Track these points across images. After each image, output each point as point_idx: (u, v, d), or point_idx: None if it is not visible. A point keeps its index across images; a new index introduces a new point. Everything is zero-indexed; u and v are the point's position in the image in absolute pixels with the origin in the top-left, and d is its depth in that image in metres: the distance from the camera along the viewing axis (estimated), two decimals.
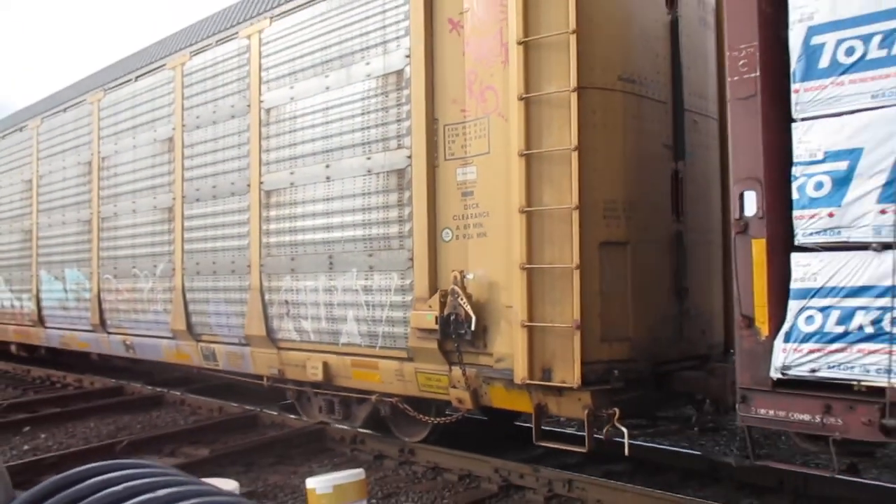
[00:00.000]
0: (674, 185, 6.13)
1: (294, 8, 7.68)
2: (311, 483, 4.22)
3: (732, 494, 5.85)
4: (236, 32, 8.41)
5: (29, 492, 1.72)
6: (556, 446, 5.67)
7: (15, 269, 13.22)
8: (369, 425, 7.46)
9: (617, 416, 5.28)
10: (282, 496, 6.07)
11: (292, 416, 8.21)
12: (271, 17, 7.95)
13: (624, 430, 5.26)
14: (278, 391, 8.34)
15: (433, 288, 6.22)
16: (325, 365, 7.28)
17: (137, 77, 10.14)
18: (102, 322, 10.74)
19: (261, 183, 7.95)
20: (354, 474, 4.33)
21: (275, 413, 8.46)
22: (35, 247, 12.52)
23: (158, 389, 10.58)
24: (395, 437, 7.17)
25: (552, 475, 5.88)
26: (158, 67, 9.68)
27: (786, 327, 4.39)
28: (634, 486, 5.64)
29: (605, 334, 5.54)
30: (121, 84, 10.49)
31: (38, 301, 12.41)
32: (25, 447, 7.95)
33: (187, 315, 9.04)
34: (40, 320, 12.41)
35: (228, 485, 4.25)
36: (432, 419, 6.67)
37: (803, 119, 4.42)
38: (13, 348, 13.92)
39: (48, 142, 12.27)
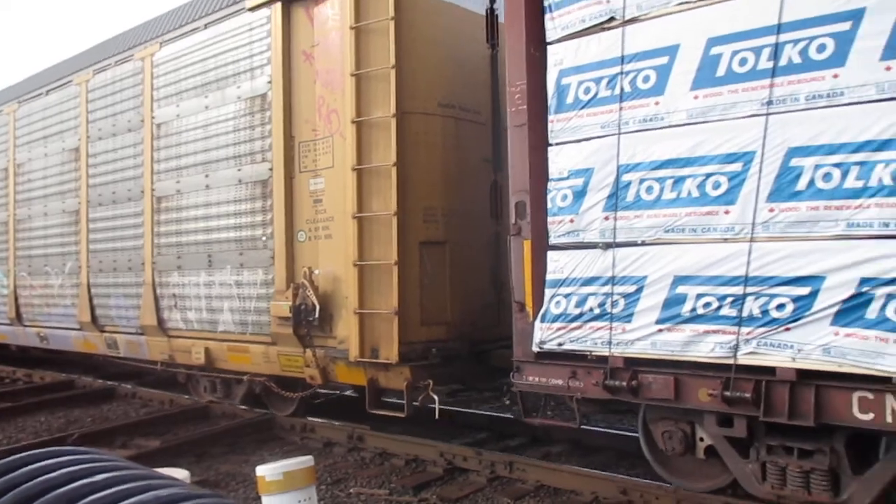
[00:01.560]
0: (493, 193, 6.95)
1: (180, 35, 8.29)
2: (261, 471, 4.12)
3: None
4: (132, 54, 8.96)
5: None
6: (383, 413, 6.44)
7: None
8: (248, 402, 8.12)
9: (431, 386, 6.11)
10: (233, 484, 6.04)
11: (243, 407, 8.13)
12: (161, 42, 8.54)
13: (435, 397, 6.09)
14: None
15: (289, 282, 6.94)
16: (207, 350, 7.94)
17: (49, 91, 10.57)
18: (19, 316, 11.14)
19: (153, 190, 8.54)
20: (303, 461, 4.20)
21: (225, 403, 8.32)
22: None
23: (110, 383, 10.37)
24: (343, 422, 7.22)
25: (494, 457, 5.99)
26: (67, 83, 10.15)
27: (542, 310, 5.26)
28: (571, 465, 5.86)
29: (425, 319, 6.36)
30: (34, 96, 10.90)
31: None
32: None
33: (92, 308, 9.56)
34: None
35: (179, 473, 4.15)
36: (295, 395, 7.40)
37: (556, 144, 5.29)
38: None
39: None
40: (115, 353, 9.45)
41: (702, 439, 4.90)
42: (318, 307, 6.58)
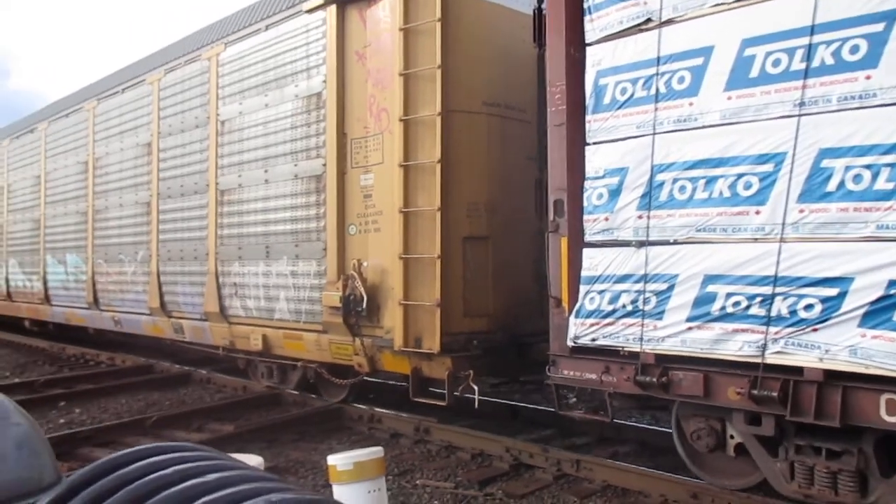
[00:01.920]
0: (537, 190, 7.07)
1: (243, 36, 8.69)
2: (333, 460, 4.16)
3: None
4: (200, 54, 9.43)
5: (78, 473, 1.60)
6: (426, 401, 6.68)
7: (27, 253, 14.38)
8: (301, 388, 8.49)
9: (471, 377, 6.31)
10: (303, 471, 6.10)
11: (313, 396, 8.29)
12: (226, 43, 8.97)
13: (475, 387, 6.29)
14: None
15: (340, 273, 7.24)
16: (265, 336, 8.33)
17: (124, 89, 11.20)
18: (96, 300, 11.85)
19: (217, 183, 8.99)
20: (373, 452, 4.20)
21: (296, 392, 8.44)
22: (42, 234, 13.67)
23: (186, 368, 10.56)
24: (410, 414, 7.25)
25: (561, 455, 5.90)
26: (140, 82, 10.73)
27: (577, 306, 5.38)
28: (639, 466, 5.73)
29: (468, 311, 6.56)
30: (111, 94, 11.55)
31: (45, 282, 13.56)
32: (61, 421, 8.05)
33: (161, 295, 10.12)
34: (47, 298, 13.57)
35: (253, 460, 4.25)
36: (345, 381, 7.71)
37: (593, 143, 5.40)
38: (26, 323, 15.09)
39: (54, 143, 13.38)
40: (181, 338, 9.98)
41: (732, 437, 4.95)
42: (365, 298, 6.86)
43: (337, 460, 4.15)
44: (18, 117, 15.25)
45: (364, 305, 6.88)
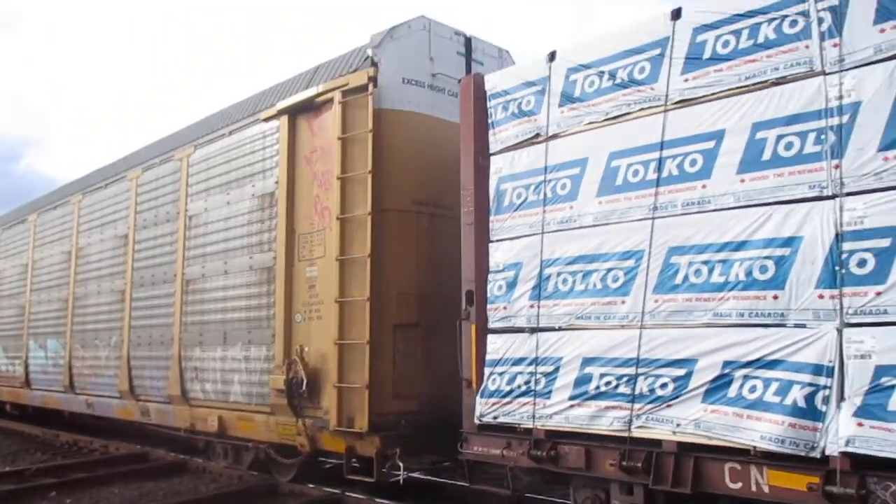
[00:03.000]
0: None
1: (210, 139, 9.56)
2: None
3: None
4: (173, 155, 10.30)
5: None
6: (357, 478, 7.14)
7: (11, 338, 14.96)
8: (255, 468, 8.92)
9: (398, 455, 6.80)
10: None
11: (310, 486, 8.21)
12: (195, 146, 9.84)
13: (401, 464, 6.77)
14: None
15: (286, 357, 7.83)
16: (220, 418, 8.84)
17: (107, 185, 12.06)
18: (72, 384, 12.36)
19: (183, 274, 9.68)
20: None
21: (292, 483, 8.37)
22: (27, 320, 14.29)
23: (181, 456, 10.36)
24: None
25: None
26: (121, 178, 11.59)
27: (482, 387, 5.96)
28: None
29: (397, 393, 7.11)
30: (95, 189, 12.41)
31: (27, 366, 14.08)
32: None
33: (130, 378, 10.66)
34: (27, 383, 14.06)
35: None
36: (291, 461, 8.17)
37: (495, 241, 6.11)
38: (7, 407, 15.52)
39: (42, 233, 14.18)
40: (147, 420, 10.46)
41: None
42: (305, 380, 7.43)
43: None
44: (26, 200, 16.10)
45: (304, 388, 7.44)
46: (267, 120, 8.51)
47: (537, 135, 5.90)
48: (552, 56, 5.91)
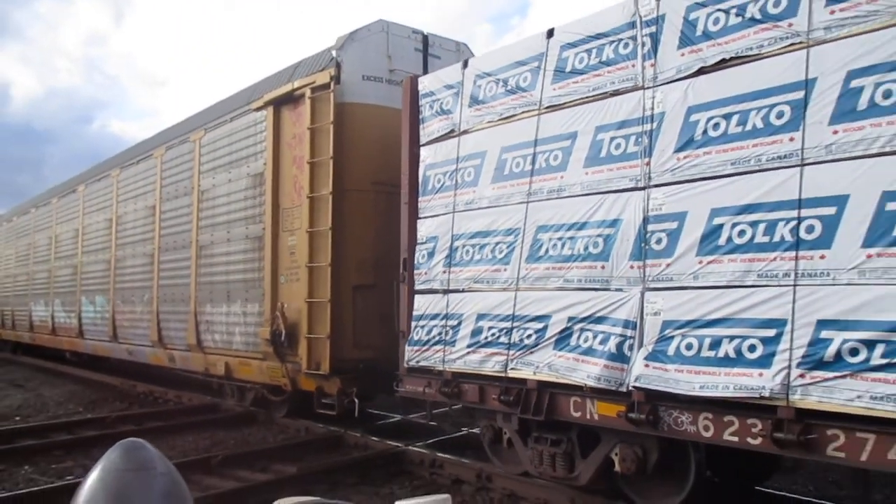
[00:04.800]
0: None
1: (217, 124, 10.95)
2: None
3: None
4: (188, 137, 11.74)
5: None
6: (323, 412, 8.57)
7: (67, 294, 16.92)
8: (256, 404, 10.46)
9: (354, 393, 8.20)
10: None
11: (374, 439, 8.45)
12: (206, 129, 11.24)
13: (356, 400, 8.17)
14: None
15: (272, 313, 9.26)
16: (227, 364, 10.39)
17: (138, 161, 13.63)
18: (115, 335, 14.17)
19: (197, 241, 11.19)
20: (441, 499, 3.92)
21: (358, 435, 8.64)
22: (79, 279, 16.17)
23: (251, 409, 10.53)
24: (470, 462, 7.33)
25: None
26: (149, 156, 13.13)
27: (409, 337, 7.25)
28: None
29: (357, 343, 8.47)
30: (129, 164, 14.01)
31: (80, 319, 16.01)
32: None
33: (159, 330, 12.32)
34: (81, 333, 16.01)
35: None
36: (281, 399, 9.67)
37: (421, 217, 7.32)
38: (67, 354, 17.60)
39: (89, 202, 15.95)
40: (173, 365, 12.14)
41: (505, 433, 6.70)
42: (284, 332, 8.85)
43: None
44: (100, 159, 17.85)
45: (284, 338, 8.86)
46: (258, 109, 9.82)
47: (452, 130, 7.05)
48: (465, 64, 7.03)
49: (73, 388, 14.58)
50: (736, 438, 4.80)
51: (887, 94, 4.22)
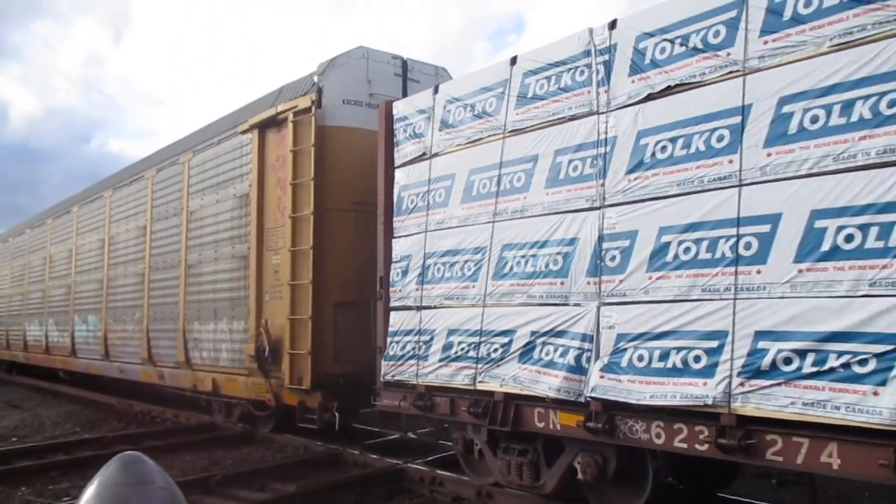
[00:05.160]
0: None
1: (205, 147, 11.26)
2: None
3: None
4: (178, 159, 12.05)
5: None
6: (306, 426, 8.80)
7: (60, 314, 17.16)
8: (242, 420, 10.67)
9: (335, 407, 8.43)
10: None
11: (374, 456, 8.44)
12: (194, 151, 11.55)
13: (336, 414, 8.40)
14: None
15: (256, 330, 9.52)
16: (214, 380, 10.62)
17: (130, 182, 13.93)
18: (107, 353, 14.40)
19: (186, 260, 11.46)
20: None
21: (356, 452, 8.64)
22: (72, 298, 16.42)
23: (248, 427, 10.54)
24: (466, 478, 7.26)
25: None
26: (140, 177, 13.43)
27: (385, 353, 7.51)
28: None
29: (338, 358, 8.72)
30: (121, 186, 14.31)
31: (73, 338, 16.24)
32: None
33: (149, 348, 12.56)
34: (74, 352, 16.23)
35: None
36: (265, 414, 9.90)
37: (396, 237, 7.61)
38: (61, 373, 17.80)
39: (82, 223, 16.23)
40: (163, 382, 12.36)
41: (476, 444, 6.94)
42: (267, 348, 9.11)
43: None
44: (98, 178, 17.91)
45: (268, 354, 9.11)
46: (243, 133, 10.13)
47: (424, 153, 7.35)
48: (436, 90, 7.34)
49: (70, 408, 14.63)
50: (685, 445, 5.06)
51: (814, 120, 4.52)
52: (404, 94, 9.27)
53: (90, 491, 1.30)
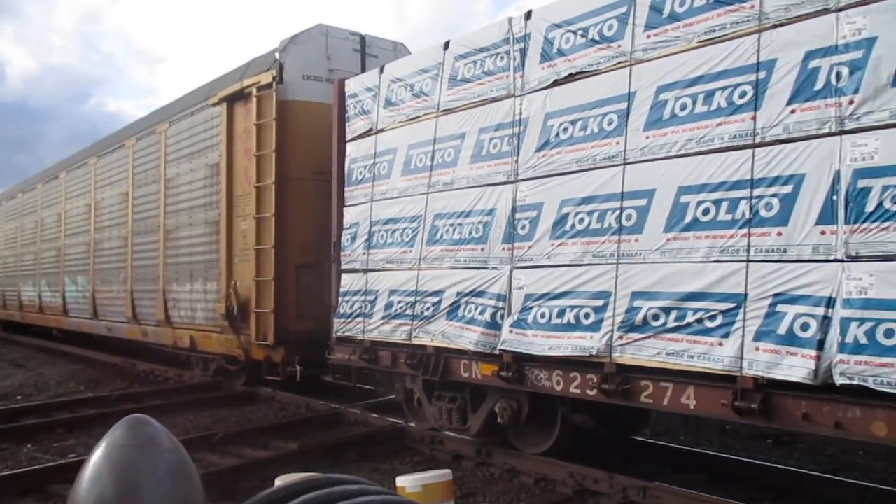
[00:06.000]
0: None
1: (179, 118, 11.84)
2: (402, 481, 4.06)
3: None
4: (155, 128, 12.63)
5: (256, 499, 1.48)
6: (272, 378, 9.58)
7: (52, 275, 17.88)
8: (218, 375, 11.46)
9: (297, 361, 9.19)
10: None
11: (375, 415, 8.52)
12: (170, 122, 12.14)
13: (298, 368, 9.16)
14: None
15: (227, 290, 10.23)
16: (191, 337, 11.38)
17: (113, 150, 14.53)
18: (95, 312, 15.15)
19: (164, 225, 12.13)
20: (442, 475, 4.09)
21: (358, 411, 8.75)
22: (62, 260, 17.13)
23: (250, 388, 10.53)
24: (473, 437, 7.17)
25: (627, 482, 5.70)
26: (122, 146, 14.03)
27: (337, 311, 8.23)
28: (709, 495, 5.40)
29: (300, 316, 9.45)
30: (106, 153, 14.90)
31: (64, 298, 16.99)
32: None
33: (133, 307, 13.30)
34: (65, 311, 16.99)
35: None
36: (237, 368, 10.68)
37: (347, 206, 8.27)
38: (54, 332, 18.60)
39: (70, 188, 16.86)
40: (146, 339, 13.13)
41: (414, 393, 7.70)
42: (236, 307, 9.83)
43: (406, 482, 4.07)
44: (96, 138, 18.47)
45: (237, 312, 9.84)
46: (214, 105, 10.70)
47: (371, 129, 7.97)
48: (382, 70, 7.93)
49: (73, 367, 14.76)
50: (579, 391, 5.80)
51: (683, 107, 5.16)
52: (363, 70, 9.82)
53: (98, 452, 1.27)
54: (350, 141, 8.30)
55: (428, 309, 7.03)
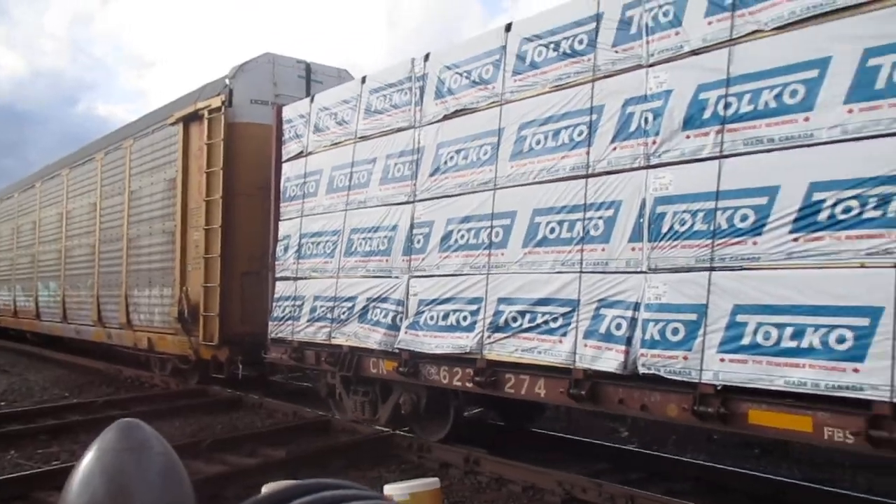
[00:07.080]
0: None
1: (142, 135, 12.76)
2: (389, 490, 4.06)
3: None
4: (122, 144, 13.55)
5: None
6: (217, 376, 10.47)
7: (26, 280, 18.71)
8: (175, 375, 12.32)
9: (240, 360, 10.10)
10: None
11: (362, 425, 8.38)
12: (135, 138, 13.06)
13: (241, 366, 10.07)
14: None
15: (180, 295, 11.13)
16: (150, 339, 12.26)
17: (84, 162, 15.42)
18: (65, 316, 16.00)
19: (127, 234, 13.02)
20: (430, 483, 4.09)
21: (343, 419, 8.66)
22: (36, 266, 17.96)
23: (238, 393, 10.58)
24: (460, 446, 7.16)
25: (615, 490, 5.74)
26: (91, 159, 14.92)
27: (271, 315, 9.14)
28: None
29: (244, 320, 10.36)
30: (77, 165, 15.79)
31: (37, 302, 17.81)
32: None
33: (99, 311, 14.16)
34: (38, 315, 17.81)
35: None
36: (189, 367, 11.56)
37: (281, 220, 9.21)
38: (28, 335, 19.40)
39: (45, 197, 17.71)
40: (111, 342, 13.99)
41: (336, 388, 8.62)
42: (186, 311, 10.73)
43: (394, 490, 4.05)
44: (85, 142, 19.10)
45: (187, 315, 10.74)
46: (172, 124, 11.63)
47: (301, 151, 8.93)
48: (312, 99, 8.89)
49: (58, 372, 14.72)
50: (460, 383, 6.74)
51: (538, 142, 6.14)
52: (307, 95, 10.77)
53: (89, 456, 1.25)
54: (286, 161, 9.25)
55: (344, 313, 7.96)
